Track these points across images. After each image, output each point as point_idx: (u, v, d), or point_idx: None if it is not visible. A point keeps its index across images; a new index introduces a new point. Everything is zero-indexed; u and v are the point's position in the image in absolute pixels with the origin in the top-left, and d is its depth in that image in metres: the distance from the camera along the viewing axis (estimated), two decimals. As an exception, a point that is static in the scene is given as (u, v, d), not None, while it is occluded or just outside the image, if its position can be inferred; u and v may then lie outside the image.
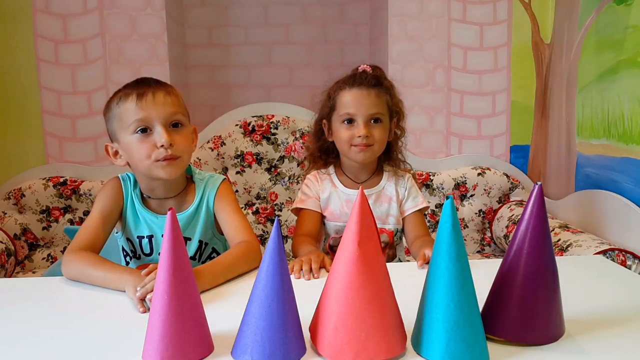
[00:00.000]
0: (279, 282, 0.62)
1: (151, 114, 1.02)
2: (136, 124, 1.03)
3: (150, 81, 1.08)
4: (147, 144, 1.03)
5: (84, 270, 0.96)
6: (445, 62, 2.19)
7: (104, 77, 2.11)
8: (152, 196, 1.13)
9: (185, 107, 1.11)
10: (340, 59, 2.59)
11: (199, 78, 2.58)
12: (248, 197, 2.13)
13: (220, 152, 2.09)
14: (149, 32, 2.11)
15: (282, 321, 0.62)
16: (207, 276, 0.91)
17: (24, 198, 1.99)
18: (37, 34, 2.07)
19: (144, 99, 1.02)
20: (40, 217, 2.01)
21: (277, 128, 2.12)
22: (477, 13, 2.18)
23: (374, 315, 0.63)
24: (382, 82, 1.28)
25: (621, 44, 1.62)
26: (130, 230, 1.14)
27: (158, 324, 0.64)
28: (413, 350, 0.67)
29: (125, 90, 1.06)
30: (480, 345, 0.64)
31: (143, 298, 0.83)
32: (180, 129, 1.06)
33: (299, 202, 1.33)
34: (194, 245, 1.14)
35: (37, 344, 0.72)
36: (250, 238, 1.07)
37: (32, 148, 2.10)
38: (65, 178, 2.04)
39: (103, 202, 1.10)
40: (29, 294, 0.94)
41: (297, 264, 1.02)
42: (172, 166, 1.04)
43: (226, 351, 0.67)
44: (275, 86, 2.60)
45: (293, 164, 2.13)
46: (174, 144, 1.03)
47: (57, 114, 2.10)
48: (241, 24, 2.57)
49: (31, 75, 2.07)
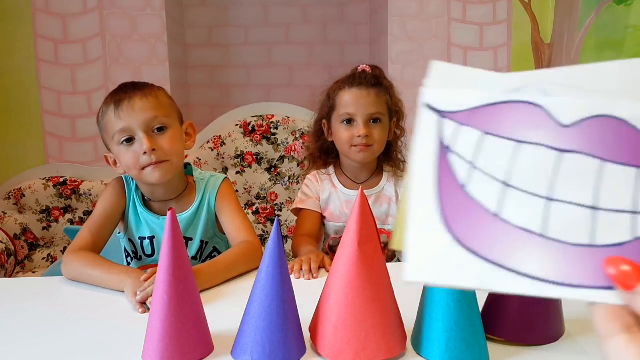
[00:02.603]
0: (279, 282, 0.62)
1: (130, 122, 1.01)
2: (119, 135, 1.02)
3: (128, 87, 1.06)
4: (132, 153, 1.02)
5: (84, 270, 0.96)
6: (445, 62, 2.19)
7: (104, 77, 2.11)
8: (154, 199, 1.13)
9: (170, 105, 1.08)
10: (340, 59, 2.59)
11: (199, 78, 2.57)
12: (248, 197, 2.13)
13: (220, 152, 2.09)
14: (149, 32, 2.11)
15: (282, 321, 0.62)
16: (206, 275, 0.91)
17: (24, 198, 1.99)
18: (37, 34, 2.07)
19: (121, 108, 1.01)
20: (40, 217, 2.01)
21: (277, 128, 2.12)
22: (477, 13, 2.18)
23: (374, 315, 0.63)
24: (381, 82, 1.28)
25: (621, 44, 1.62)
26: (132, 231, 1.14)
27: (158, 324, 0.64)
28: (413, 350, 0.67)
29: (106, 101, 1.05)
30: (480, 345, 0.64)
31: (143, 302, 0.83)
32: (165, 131, 1.04)
33: (299, 202, 1.33)
34: (195, 245, 1.14)
35: (37, 344, 0.72)
36: (251, 238, 1.07)
37: (32, 148, 2.10)
38: (65, 178, 2.04)
39: (105, 202, 1.10)
40: (29, 294, 0.94)
41: (297, 264, 1.02)
42: (160, 170, 1.03)
43: (226, 351, 0.67)
44: (275, 86, 2.60)
45: (293, 164, 2.13)
46: (157, 148, 1.01)
47: (57, 114, 2.10)
48: (241, 24, 2.57)
49: (31, 75, 2.08)
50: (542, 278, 0.26)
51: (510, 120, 0.28)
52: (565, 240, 0.27)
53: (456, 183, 0.28)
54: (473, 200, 0.28)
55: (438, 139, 0.29)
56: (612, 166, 0.27)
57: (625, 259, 0.25)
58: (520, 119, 0.28)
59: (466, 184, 0.28)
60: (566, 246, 0.27)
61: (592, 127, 0.27)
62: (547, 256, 0.26)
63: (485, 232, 0.27)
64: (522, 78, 0.29)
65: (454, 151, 0.28)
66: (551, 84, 0.28)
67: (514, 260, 0.26)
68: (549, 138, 0.28)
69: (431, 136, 0.29)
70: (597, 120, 0.27)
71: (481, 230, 0.27)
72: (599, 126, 0.27)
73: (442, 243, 0.27)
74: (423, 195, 0.28)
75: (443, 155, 0.28)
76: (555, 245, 0.27)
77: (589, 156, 0.27)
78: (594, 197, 0.27)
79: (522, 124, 0.28)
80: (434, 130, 0.29)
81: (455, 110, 0.29)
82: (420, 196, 0.28)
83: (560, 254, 0.26)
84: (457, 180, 0.28)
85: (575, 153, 0.27)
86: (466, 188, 0.28)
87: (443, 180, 0.28)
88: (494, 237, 0.27)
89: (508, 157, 0.28)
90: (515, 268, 0.26)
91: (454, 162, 0.28)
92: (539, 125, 0.28)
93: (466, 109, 0.29)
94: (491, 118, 0.28)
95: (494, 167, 0.28)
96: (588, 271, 0.26)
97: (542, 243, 0.27)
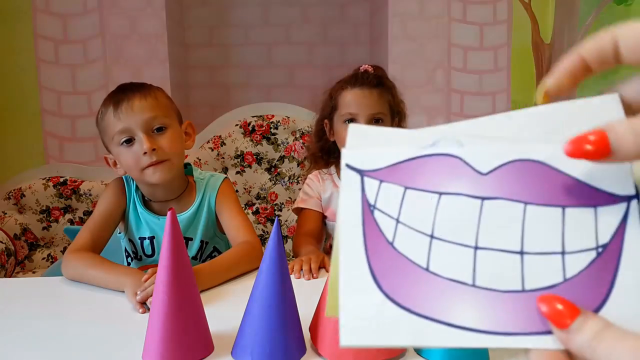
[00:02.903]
0: (279, 282, 0.62)
1: (130, 122, 1.01)
2: (119, 136, 1.02)
3: (126, 88, 1.06)
4: (132, 154, 1.02)
5: (84, 270, 0.96)
6: (446, 62, 2.19)
7: (104, 77, 2.11)
8: (154, 199, 1.13)
9: (169, 105, 1.09)
10: (341, 59, 2.59)
11: (199, 78, 2.57)
12: (248, 197, 2.13)
13: (220, 152, 2.09)
14: (149, 32, 2.11)
15: (282, 321, 0.62)
16: (206, 275, 0.91)
17: (24, 198, 1.99)
18: (37, 34, 2.07)
19: (121, 109, 1.01)
20: (40, 217, 2.01)
21: (277, 128, 2.12)
22: (477, 13, 2.18)
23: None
24: (384, 82, 1.28)
25: (621, 44, 1.62)
26: (132, 231, 1.14)
27: (158, 324, 0.64)
28: (413, 350, 0.67)
29: (105, 102, 1.06)
30: (480, 346, 0.63)
31: (143, 302, 0.83)
32: (164, 131, 1.04)
33: (300, 202, 1.33)
34: (195, 245, 1.14)
35: (37, 344, 0.72)
36: (251, 238, 1.07)
37: (32, 148, 2.10)
38: (65, 178, 2.04)
39: (105, 202, 1.10)
40: (29, 294, 0.94)
41: (297, 264, 1.02)
42: (161, 170, 1.03)
43: (226, 351, 0.67)
44: (275, 86, 2.60)
45: (293, 164, 2.13)
46: (157, 148, 1.02)
47: (57, 114, 2.10)
48: (241, 24, 2.57)
49: (31, 75, 2.08)
50: (476, 329, 0.26)
51: (429, 173, 0.28)
52: (496, 287, 0.26)
53: (384, 240, 0.28)
54: (402, 256, 0.27)
55: (362, 197, 0.28)
56: (535, 208, 0.27)
57: (558, 297, 0.25)
58: (439, 171, 0.28)
59: (393, 240, 0.28)
60: (497, 294, 0.26)
61: (510, 172, 0.27)
62: (479, 305, 0.26)
63: (416, 286, 0.27)
64: (436, 132, 0.29)
65: (378, 208, 0.28)
66: (465, 136, 0.29)
67: (447, 313, 0.26)
68: (469, 187, 0.27)
69: (355, 195, 0.29)
70: (514, 165, 0.27)
71: (413, 286, 0.27)
72: (516, 170, 0.27)
73: (375, 302, 0.27)
74: (352, 255, 0.27)
75: (368, 214, 0.28)
76: (486, 294, 0.26)
77: (510, 201, 0.27)
78: (521, 241, 0.26)
79: (442, 175, 0.28)
80: (357, 189, 0.29)
81: (376, 169, 0.29)
82: (349, 257, 0.27)
83: (493, 302, 0.26)
84: (385, 237, 0.28)
85: (496, 199, 0.27)
86: (394, 244, 0.27)
87: (370, 238, 0.28)
88: (426, 291, 0.26)
89: (431, 209, 0.27)
90: (448, 321, 0.26)
91: (379, 219, 0.28)
92: (458, 176, 0.28)
93: (385, 166, 0.29)
94: (411, 173, 0.28)
95: (418, 221, 0.27)
96: (522, 317, 0.26)
97: (473, 293, 0.26)
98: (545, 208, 0.27)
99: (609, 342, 0.23)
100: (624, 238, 0.26)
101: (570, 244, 0.26)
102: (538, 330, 0.25)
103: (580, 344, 0.24)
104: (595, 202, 0.26)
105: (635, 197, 0.26)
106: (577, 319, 0.24)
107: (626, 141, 0.24)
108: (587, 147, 0.25)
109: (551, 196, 0.27)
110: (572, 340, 0.24)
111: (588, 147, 0.25)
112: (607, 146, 0.24)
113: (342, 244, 0.28)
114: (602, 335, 0.23)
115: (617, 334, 0.23)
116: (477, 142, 0.28)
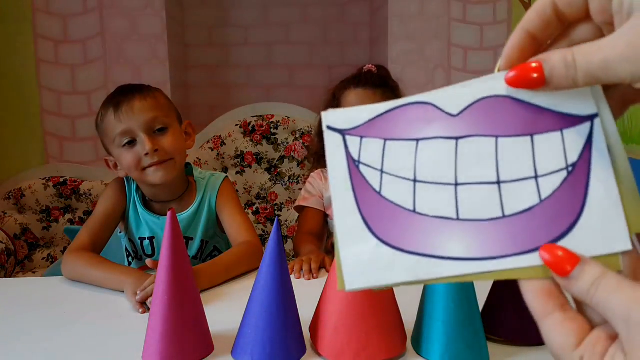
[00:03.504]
0: (279, 282, 0.62)
1: (131, 124, 1.02)
2: (120, 138, 1.02)
3: (126, 89, 1.06)
4: (134, 154, 1.03)
5: (84, 270, 0.96)
6: (446, 62, 2.19)
7: (104, 77, 2.11)
8: (155, 200, 1.13)
9: (169, 105, 1.09)
10: (341, 59, 2.59)
11: (199, 78, 2.58)
12: (248, 197, 2.13)
13: (220, 152, 2.09)
14: (149, 32, 2.11)
15: (282, 321, 0.62)
16: (206, 275, 0.91)
17: (24, 198, 1.99)
18: (37, 34, 2.07)
19: (121, 110, 1.02)
20: (40, 217, 2.01)
21: (277, 128, 2.12)
22: (477, 13, 2.18)
23: (374, 315, 0.63)
24: (387, 83, 1.28)
25: (621, 44, 1.62)
26: (132, 231, 1.14)
27: (158, 324, 0.64)
28: (413, 350, 0.67)
29: (105, 104, 1.06)
30: (480, 345, 0.64)
31: (143, 302, 0.83)
32: (165, 132, 1.05)
33: (301, 200, 1.33)
34: (195, 245, 1.14)
35: (37, 344, 0.72)
36: (252, 238, 1.07)
37: (32, 148, 2.10)
38: (65, 178, 2.04)
39: (105, 202, 1.11)
40: (29, 294, 0.93)
41: (297, 264, 1.02)
42: (163, 170, 1.03)
43: (226, 351, 0.67)
44: (275, 86, 2.60)
45: (293, 164, 2.13)
46: (159, 149, 1.02)
47: (57, 114, 2.10)
48: (241, 24, 2.57)
49: (31, 75, 2.08)
50: (466, 257, 0.28)
51: (404, 123, 0.31)
52: (479, 218, 0.29)
53: (372, 191, 0.30)
54: (390, 202, 0.30)
55: (346, 155, 0.31)
56: (506, 140, 0.29)
57: (559, 246, 0.27)
58: (413, 119, 0.30)
59: (380, 189, 0.30)
60: (481, 223, 0.29)
61: (478, 110, 0.29)
62: (466, 236, 0.28)
63: (407, 229, 0.29)
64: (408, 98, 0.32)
65: (363, 162, 0.31)
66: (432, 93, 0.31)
67: (437, 247, 0.28)
68: (443, 130, 0.30)
69: (340, 154, 0.32)
70: (481, 103, 0.29)
71: (403, 228, 0.29)
72: (484, 108, 0.29)
73: (370, 247, 0.29)
74: (345, 209, 0.30)
75: (354, 169, 0.31)
76: (471, 225, 0.29)
77: (482, 137, 0.29)
78: (497, 172, 0.29)
79: (416, 123, 0.30)
80: (341, 148, 0.32)
81: (355, 126, 0.32)
82: (343, 211, 0.30)
83: (478, 232, 0.28)
84: (372, 187, 0.30)
85: (469, 137, 0.29)
86: (382, 193, 0.30)
87: (360, 191, 0.30)
88: (416, 232, 0.29)
89: (411, 156, 0.30)
90: (439, 254, 0.28)
91: (365, 172, 0.31)
92: (432, 121, 0.30)
93: (363, 122, 0.31)
94: (388, 125, 0.31)
95: (401, 168, 0.30)
96: (507, 241, 0.28)
97: (459, 226, 0.29)
98: (515, 138, 0.29)
99: (606, 291, 0.25)
100: (592, 154, 0.28)
101: (542, 167, 0.28)
102: (522, 250, 0.28)
103: (579, 291, 0.25)
104: (561, 126, 0.28)
105: (596, 115, 0.28)
106: (577, 266, 0.26)
107: (558, 71, 0.26)
108: (529, 75, 0.27)
109: (519, 126, 0.29)
110: (572, 287, 0.26)
111: (529, 75, 0.27)
112: (541, 76, 0.26)
113: (335, 201, 0.30)
114: (598, 283, 0.25)
115: (613, 283, 0.25)
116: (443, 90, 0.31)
